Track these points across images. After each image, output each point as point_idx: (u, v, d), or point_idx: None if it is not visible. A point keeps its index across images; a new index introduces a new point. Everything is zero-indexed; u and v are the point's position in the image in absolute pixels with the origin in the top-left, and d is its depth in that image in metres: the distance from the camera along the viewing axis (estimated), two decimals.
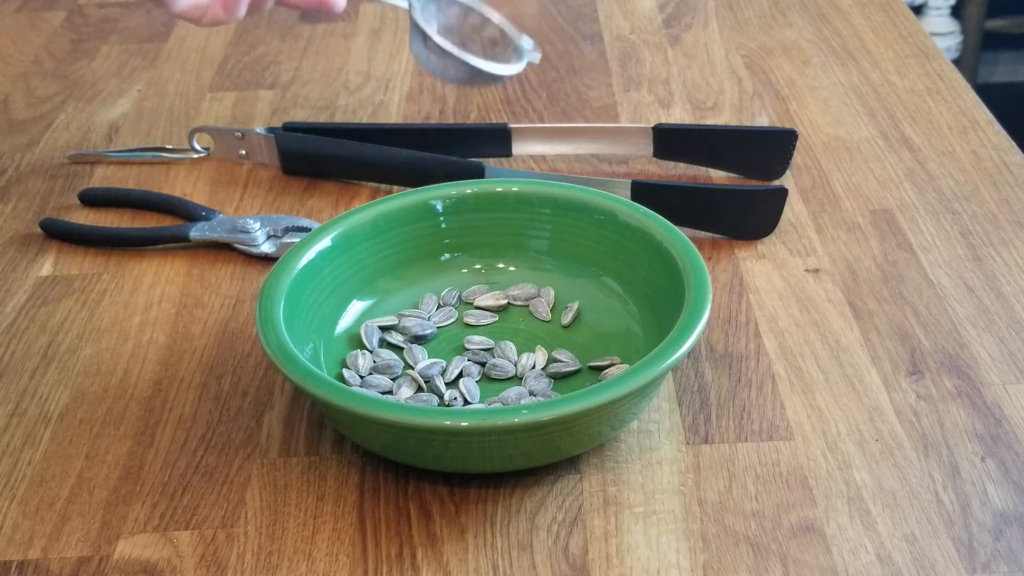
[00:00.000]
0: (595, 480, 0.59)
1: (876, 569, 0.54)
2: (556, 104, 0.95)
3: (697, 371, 0.66)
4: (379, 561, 0.56)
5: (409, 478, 0.60)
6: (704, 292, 0.61)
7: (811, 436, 0.61)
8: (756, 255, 0.75)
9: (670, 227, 0.66)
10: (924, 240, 0.76)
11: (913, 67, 0.97)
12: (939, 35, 2.47)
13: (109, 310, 0.73)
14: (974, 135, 0.87)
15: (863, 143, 0.87)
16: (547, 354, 0.65)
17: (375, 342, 0.66)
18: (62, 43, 1.08)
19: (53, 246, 0.79)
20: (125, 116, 0.95)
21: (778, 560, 0.55)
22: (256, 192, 0.84)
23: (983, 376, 0.65)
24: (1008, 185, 0.81)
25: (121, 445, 0.63)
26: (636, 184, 0.76)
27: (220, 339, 0.70)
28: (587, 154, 0.87)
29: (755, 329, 0.69)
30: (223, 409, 0.65)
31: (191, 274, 0.76)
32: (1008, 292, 0.71)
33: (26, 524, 0.58)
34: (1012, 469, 0.59)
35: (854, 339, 0.68)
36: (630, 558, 0.55)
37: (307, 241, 0.67)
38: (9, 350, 0.70)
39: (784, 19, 1.07)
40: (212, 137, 0.88)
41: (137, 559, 0.56)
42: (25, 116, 0.96)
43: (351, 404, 0.55)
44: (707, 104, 0.93)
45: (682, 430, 0.62)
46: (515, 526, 0.57)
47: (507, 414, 0.55)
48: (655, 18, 1.08)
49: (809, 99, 0.93)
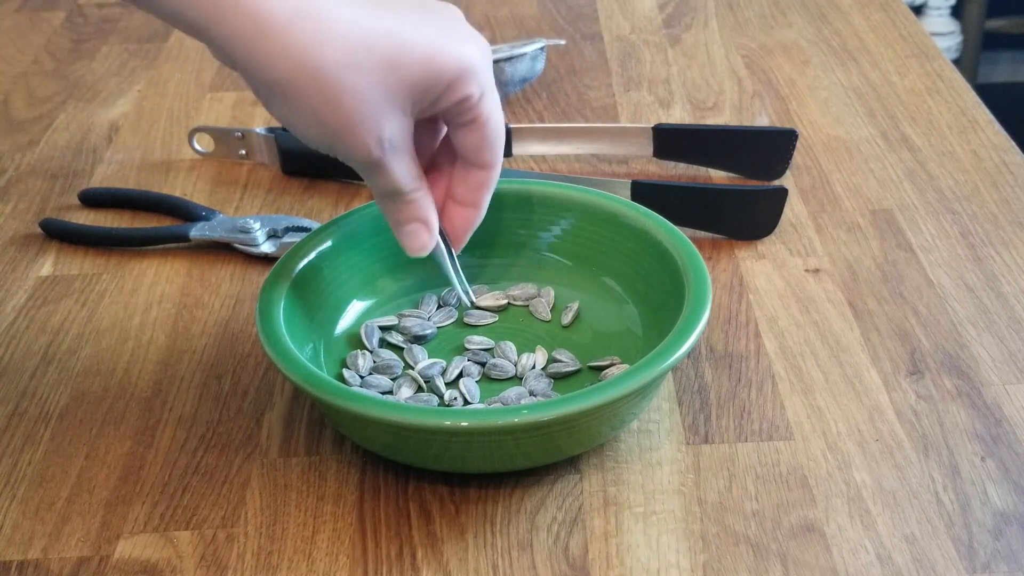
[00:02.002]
0: (595, 480, 0.59)
1: (876, 569, 0.54)
2: (556, 104, 0.95)
3: (697, 371, 0.66)
4: (379, 561, 0.56)
5: (409, 478, 0.60)
6: (704, 292, 0.61)
7: (811, 436, 0.61)
8: (756, 255, 0.75)
9: (670, 227, 0.66)
10: (924, 240, 0.76)
11: (913, 67, 0.97)
12: (939, 35, 2.47)
13: (109, 310, 0.73)
14: (974, 135, 0.87)
15: (863, 143, 0.87)
16: (547, 354, 0.65)
17: (375, 342, 0.66)
18: (62, 43, 1.08)
19: (53, 246, 0.79)
20: (125, 116, 0.95)
21: (778, 560, 0.55)
22: (256, 192, 0.84)
23: (983, 376, 0.65)
24: (1008, 185, 0.81)
25: (121, 445, 0.63)
26: (636, 184, 0.76)
27: (220, 339, 0.70)
28: (587, 154, 0.87)
29: (755, 329, 0.69)
30: (223, 409, 0.65)
31: (191, 274, 0.76)
32: (1008, 292, 0.71)
33: (26, 524, 0.58)
34: (1012, 469, 0.59)
35: (854, 339, 0.68)
36: (630, 558, 0.55)
37: (307, 241, 0.67)
38: (9, 350, 0.70)
39: (784, 19, 1.07)
40: (212, 137, 0.88)
41: (137, 559, 0.56)
42: (25, 116, 0.96)
43: (351, 404, 0.55)
44: (707, 104, 0.93)
45: (682, 430, 0.62)
46: (515, 526, 0.57)
47: (507, 414, 0.55)
48: (655, 18, 1.08)
49: (809, 99, 0.93)
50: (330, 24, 0.52)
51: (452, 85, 0.55)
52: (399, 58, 0.53)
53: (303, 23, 0.51)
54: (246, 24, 0.51)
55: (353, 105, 0.53)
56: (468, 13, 1.11)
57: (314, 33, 0.51)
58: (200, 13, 0.51)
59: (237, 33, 0.51)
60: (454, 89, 0.55)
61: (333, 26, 0.52)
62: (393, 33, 0.53)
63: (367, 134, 0.55)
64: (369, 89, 0.53)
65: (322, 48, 0.52)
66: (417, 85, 0.54)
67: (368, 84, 0.53)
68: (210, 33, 0.52)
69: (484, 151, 0.59)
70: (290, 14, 0.51)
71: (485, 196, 0.61)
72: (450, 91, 0.55)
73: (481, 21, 1.09)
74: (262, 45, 0.51)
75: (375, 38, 0.53)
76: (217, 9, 0.51)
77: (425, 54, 0.54)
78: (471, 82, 0.55)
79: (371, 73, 0.53)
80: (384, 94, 0.54)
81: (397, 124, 0.55)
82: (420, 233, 0.60)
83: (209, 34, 0.52)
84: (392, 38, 0.53)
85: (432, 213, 0.60)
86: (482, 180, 0.60)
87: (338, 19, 0.52)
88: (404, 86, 0.54)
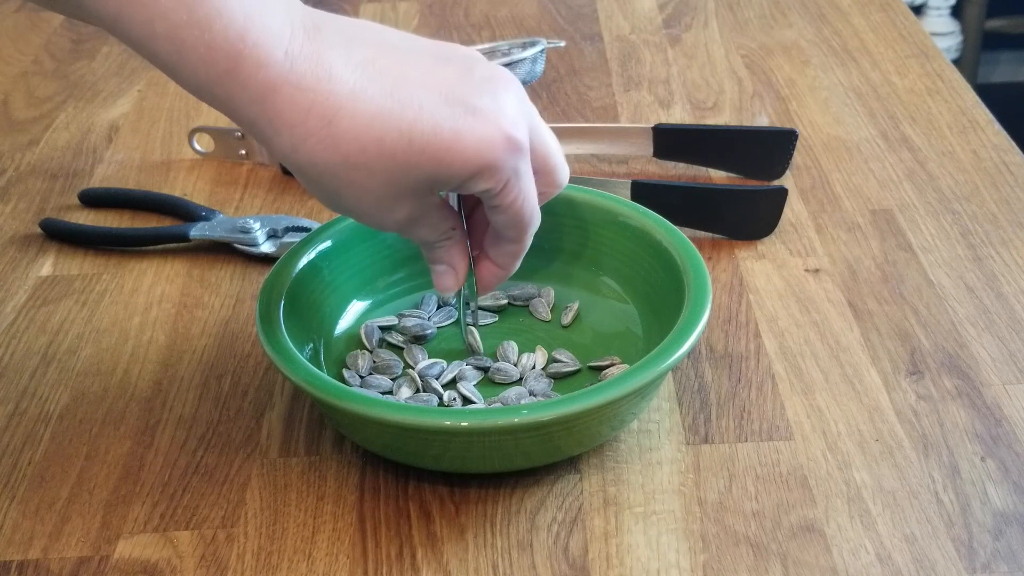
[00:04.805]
0: (595, 480, 0.59)
1: (876, 569, 0.54)
2: (556, 104, 0.95)
3: (697, 371, 0.66)
4: (379, 561, 0.56)
5: (409, 478, 0.60)
6: (704, 292, 0.61)
7: (811, 436, 0.61)
8: (756, 255, 0.75)
9: (670, 227, 0.66)
10: (924, 240, 0.76)
11: (913, 67, 0.97)
12: (939, 35, 2.47)
13: (109, 310, 0.73)
14: (974, 135, 0.87)
15: (863, 143, 0.87)
16: (547, 354, 0.65)
17: (375, 342, 0.66)
18: (62, 43, 1.08)
19: (53, 246, 0.79)
20: (125, 116, 0.95)
21: (778, 560, 0.55)
22: (256, 192, 0.84)
23: (983, 376, 0.65)
24: (1008, 185, 0.81)
25: (121, 445, 0.63)
26: (636, 184, 0.76)
27: (220, 339, 0.70)
28: (587, 154, 0.87)
29: (755, 329, 0.69)
30: (223, 409, 0.65)
31: (191, 274, 0.76)
32: (1008, 292, 0.71)
33: (26, 524, 0.58)
34: (1012, 469, 0.59)
35: (854, 339, 0.68)
36: (630, 558, 0.55)
37: (307, 241, 0.67)
38: (9, 350, 0.70)
39: (784, 19, 1.07)
40: (212, 137, 0.88)
41: (137, 559, 0.56)
42: (25, 116, 0.96)
43: (351, 404, 0.55)
44: (707, 104, 0.93)
45: (682, 430, 0.62)
46: (515, 526, 0.57)
47: (507, 414, 0.55)
48: (655, 18, 1.08)
49: (809, 99, 0.93)
50: (341, 124, 0.50)
51: (470, 180, 0.53)
52: (412, 159, 0.51)
53: (313, 124, 0.50)
54: (258, 116, 0.50)
55: (364, 198, 0.53)
56: (468, 13, 1.11)
57: (324, 137, 0.50)
58: (223, 95, 0.49)
59: (253, 123, 0.50)
60: (473, 183, 0.53)
61: (345, 125, 0.50)
62: (408, 134, 0.51)
63: (380, 217, 0.54)
64: (381, 188, 0.52)
65: (330, 152, 0.50)
66: (432, 180, 0.53)
67: (380, 184, 0.52)
68: (233, 117, 0.51)
69: (511, 230, 0.58)
70: (303, 113, 0.50)
71: (514, 263, 0.61)
72: (469, 184, 0.53)
73: (481, 21, 1.10)
74: (275, 140, 0.50)
75: (388, 139, 0.51)
76: (232, 101, 0.49)
77: (439, 153, 0.51)
78: (489, 178, 0.53)
79: (383, 173, 0.52)
80: (397, 190, 0.53)
81: (412, 206, 0.54)
82: (448, 277, 0.60)
83: (233, 118, 0.51)
84: (407, 140, 0.51)
85: (460, 259, 0.60)
86: (511, 251, 0.60)
87: (351, 120, 0.50)
88: (419, 182, 0.53)
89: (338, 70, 0.50)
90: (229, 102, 0.49)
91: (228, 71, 0.48)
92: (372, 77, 0.51)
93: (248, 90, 0.49)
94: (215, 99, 0.50)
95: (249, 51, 0.48)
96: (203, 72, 0.48)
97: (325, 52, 0.50)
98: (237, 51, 0.48)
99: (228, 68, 0.48)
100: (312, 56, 0.50)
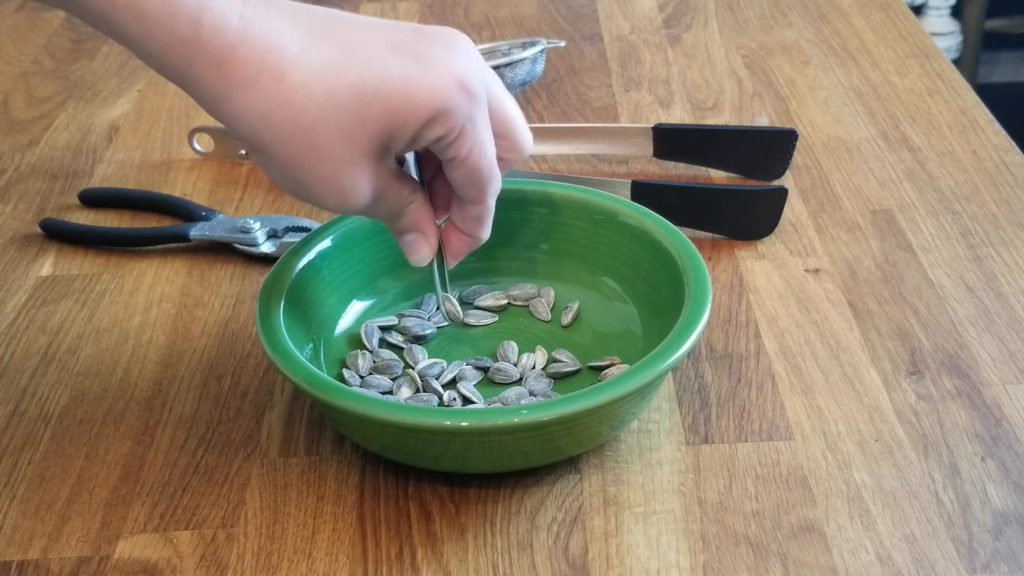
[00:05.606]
0: (595, 480, 0.59)
1: (876, 569, 0.54)
2: (556, 104, 0.95)
3: (697, 371, 0.66)
4: (379, 561, 0.56)
5: (409, 478, 0.60)
6: (704, 292, 0.61)
7: (811, 436, 0.61)
8: (756, 255, 0.75)
9: (670, 227, 0.66)
10: (924, 240, 0.76)
11: (913, 67, 0.97)
12: (939, 35, 2.47)
13: (109, 310, 0.73)
14: (974, 135, 0.87)
15: (863, 143, 0.87)
16: (547, 354, 0.65)
17: (375, 342, 0.66)
18: (62, 43, 1.08)
19: (53, 246, 0.79)
20: (125, 116, 0.95)
21: (778, 560, 0.55)
22: (256, 192, 0.84)
23: (983, 376, 0.65)
24: (1008, 185, 0.81)
25: (121, 445, 0.63)
26: (636, 184, 0.76)
27: (220, 339, 0.70)
28: (587, 154, 0.87)
29: (755, 329, 0.69)
30: (223, 409, 0.65)
31: (191, 274, 0.76)
32: (1008, 292, 0.71)
33: (26, 524, 0.58)
34: (1012, 469, 0.59)
35: (854, 339, 0.68)
36: (630, 558, 0.55)
37: (307, 241, 0.67)
38: (9, 350, 0.70)
39: (784, 19, 1.07)
40: (212, 137, 0.88)
41: (137, 559, 0.56)
42: (25, 116, 0.96)
43: (351, 404, 0.55)
44: (707, 104, 0.93)
45: (682, 430, 0.62)
46: (515, 526, 0.57)
47: (507, 414, 0.55)
48: (655, 18, 1.08)
49: (809, 99, 0.93)
50: (292, 79, 0.51)
51: (425, 127, 0.53)
52: (364, 110, 0.52)
53: (265, 83, 0.50)
54: (216, 81, 0.51)
55: (320, 164, 0.52)
56: (468, 13, 1.11)
57: (275, 94, 0.51)
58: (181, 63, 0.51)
59: (209, 89, 0.51)
60: (428, 130, 0.53)
61: (296, 80, 0.51)
62: (358, 84, 0.51)
63: (339, 189, 0.54)
64: (335, 146, 0.52)
65: (283, 109, 0.51)
66: (386, 133, 0.53)
67: (333, 142, 0.52)
68: (187, 87, 0.52)
69: (468, 188, 0.57)
70: (255, 71, 0.50)
71: (479, 229, 0.60)
72: (424, 132, 0.53)
73: (481, 21, 1.10)
74: (228, 105, 0.51)
75: (339, 92, 0.51)
76: (191, 68, 0.51)
77: (391, 100, 0.52)
78: (443, 123, 0.53)
79: (336, 129, 0.52)
80: (352, 149, 0.52)
81: (371, 174, 0.54)
82: (419, 244, 0.60)
83: (187, 88, 0.52)
84: (357, 90, 0.51)
85: (428, 223, 0.59)
86: (475, 214, 0.59)
87: (301, 74, 0.51)
88: (373, 136, 0.52)
89: (288, 32, 0.51)
90: (188, 70, 0.51)
91: (188, 40, 0.50)
92: (321, 35, 0.52)
93: (207, 55, 0.50)
94: (174, 69, 0.51)
95: (208, 19, 0.50)
96: (164, 41, 0.50)
97: (275, 17, 0.52)
98: (197, 19, 0.50)
99: (189, 36, 0.50)
100: (263, 21, 0.51)
